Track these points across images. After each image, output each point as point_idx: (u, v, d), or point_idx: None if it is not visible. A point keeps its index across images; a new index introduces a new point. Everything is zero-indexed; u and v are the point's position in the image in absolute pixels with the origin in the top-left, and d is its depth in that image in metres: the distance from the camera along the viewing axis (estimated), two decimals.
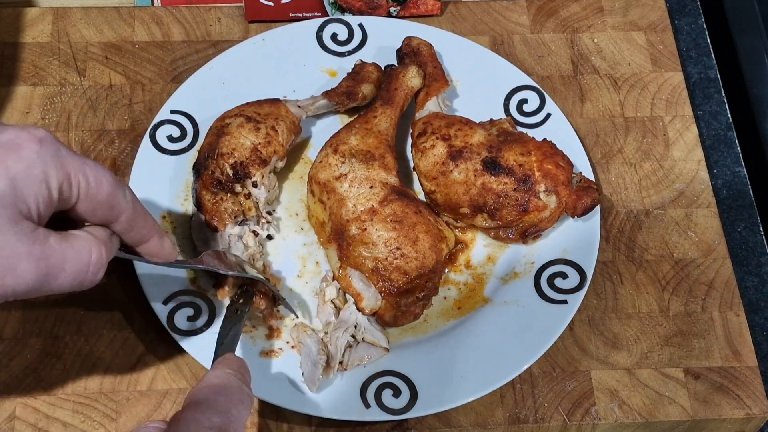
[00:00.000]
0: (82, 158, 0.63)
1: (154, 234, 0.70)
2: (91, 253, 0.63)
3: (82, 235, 0.64)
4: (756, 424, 0.85)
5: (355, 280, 0.82)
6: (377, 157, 0.87)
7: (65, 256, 0.61)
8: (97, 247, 0.64)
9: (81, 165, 0.62)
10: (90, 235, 0.64)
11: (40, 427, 0.79)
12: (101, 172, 0.63)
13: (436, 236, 0.84)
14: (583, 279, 0.86)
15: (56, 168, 0.60)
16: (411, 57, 0.96)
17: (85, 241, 0.63)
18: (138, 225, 0.67)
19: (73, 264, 0.62)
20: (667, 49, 1.04)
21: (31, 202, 0.59)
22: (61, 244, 0.61)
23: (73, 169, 0.61)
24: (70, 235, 0.63)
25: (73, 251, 0.62)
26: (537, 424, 0.82)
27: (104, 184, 0.63)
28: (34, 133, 0.61)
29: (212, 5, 1.03)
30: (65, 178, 0.61)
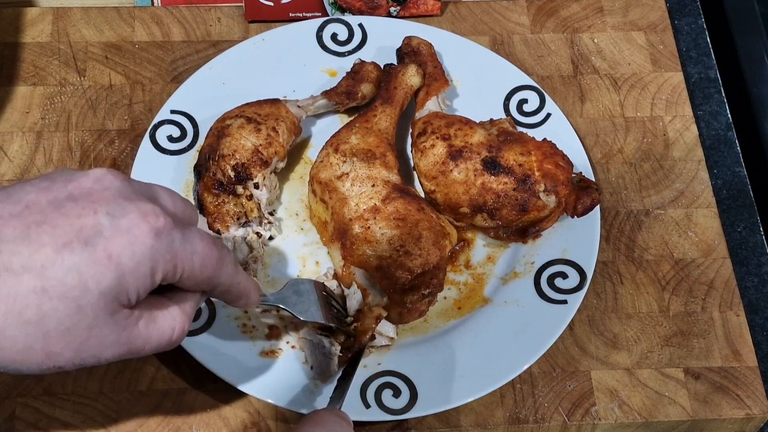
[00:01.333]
0: (192, 243, 0.61)
1: (242, 296, 0.69)
2: (174, 331, 0.63)
3: (172, 311, 0.63)
4: (756, 424, 0.85)
5: (359, 279, 0.82)
6: (378, 155, 0.87)
7: (149, 338, 0.61)
8: (180, 324, 0.63)
9: (190, 255, 0.60)
10: (178, 309, 0.63)
11: (40, 427, 0.79)
12: (208, 257, 0.62)
13: (439, 233, 0.84)
14: (583, 279, 0.86)
15: (165, 261, 0.59)
16: (411, 56, 0.96)
17: (171, 319, 0.63)
18: (230, 294, 0.67)
19: (154, 343, 0.62)
20: (667, 49, 1.05)
21: (132, 293, 0.58)
22: (148, 327, 0.61)
23: (181, 261, 0.60)
24: (160, 311, 0.62)
25: (158, 332, 0.62)
26: (537, 424, 0.82)
27: (208, 269, 0.62)
28: (153, 224, 0.58)
29: (212, 5, 1.03)
30: (171, 268, 0.60)
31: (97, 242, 0.56)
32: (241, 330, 0.82)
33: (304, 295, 0.80)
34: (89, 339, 0.57)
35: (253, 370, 0.80)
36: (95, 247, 0.56)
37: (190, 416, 0.80)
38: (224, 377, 0.79)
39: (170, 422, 0.80)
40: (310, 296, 0.80)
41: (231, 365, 0.80)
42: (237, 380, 0.79)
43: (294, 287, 0.80)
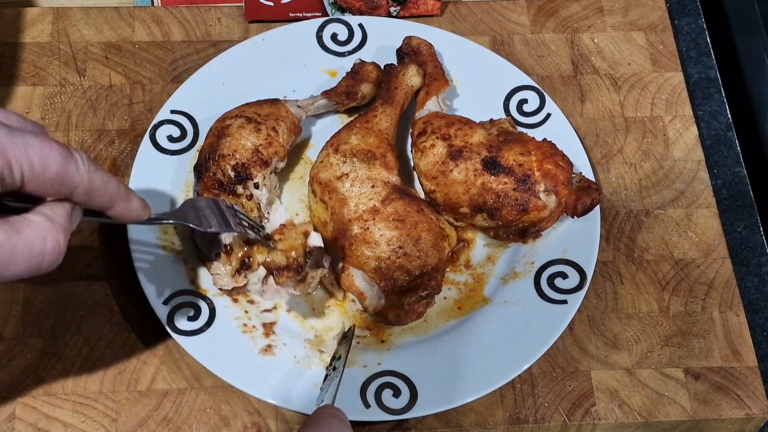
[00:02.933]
0: (24, 139, 0.59)
1: (119, 199, 0.66)
2: (46, 241, 0.60)
3: (36, 221, 0.61)
4: (756, 424, 0.85)
5: (357, 280, 0.82)
6: (378, 156, 0.87)
7: (14, 250, 0.59)
8: (52, 234, 0.61)
9: (23, 149, 0.59)
10: (45, 219, 0.61)
11: (40, 427, 0.79)
12: (47, 151, 0.60)
13: (438, 234, 0.84)
14: (583, 279, 0.86)
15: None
16: (411, 56, 0.96)
17: (38, 228, 0.60)
18: (97, 194, 0.64)
19: (23, 256, 0.60)
20: (667, 49, 1.05)
21: None
22: (10, 237, 0.59)
23: (14, 155, 0.58)
24: (22, 222, 0.60)
25: (24, 243, 0.60)
26: (537, 424, 0.82)
27: (51, 164, 0.60)
28: None
29: (212, 5, 1.03)
30: (5, 165, 0.58)
31: None
32: (241, 330, 0.82)
33: (203, 210, 0.78)
34: None
35: (253, 370, 0.80)
36: None
37: (190, 416, 0.80)
38: (224, 377, 0.79)
39: (170, 422, 0.80)
40: (213, 210, 0.79)
41: (231, 365, 0.80)
42: (237, 380, 0.79)
43: (191, 203, 0.78)
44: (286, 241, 0.80)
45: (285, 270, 0.79)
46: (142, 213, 0.69)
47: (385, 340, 0.84)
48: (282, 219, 0.83)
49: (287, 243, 0.80)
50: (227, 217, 0.79)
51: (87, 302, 0.85)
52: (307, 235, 0.81)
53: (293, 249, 0.80)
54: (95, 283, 0.86)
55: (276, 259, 0.79)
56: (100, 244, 0.87)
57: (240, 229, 0.79)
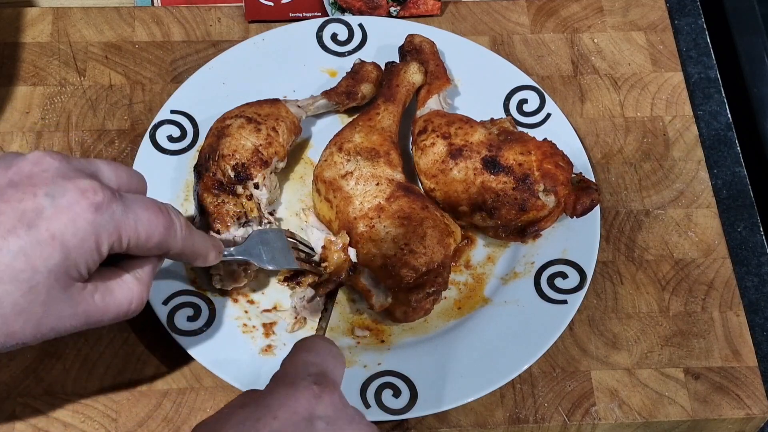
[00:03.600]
0: (135, 212, 0.64)
1: (200, 256, 0.73)
2: (132, 301, 0.67)
3: (127, 281, 0.66)
4: (756, 424, 0.85)
5: (364, 278, 0.83)
6: (382, 154, 0.87)
7: (107, 309, 0.65)
8: (138, 293, 0.67)
9: (134, 223, 0.64)
10: (134, 279, 0.67)
11: (40, 427, 0.79)
12: (153, 224, 0.65)
13: (443, 231, 0.84)
14: (583, 279, 0.86)
15: (108, 233, 0.62)
16: (413, 54, 0.96)
17: (127, 289, 0.66)
18: (185, 255, 0.70)
19: (113, 313, 0.66)
20: (667, 49, 1.05)
21: (82, 268, 0.62)
22: (105, 298, 0.65)
23: (125, 231, 0.63)
24: (116, 282, 0.66)
25: (115, 303, 0.65)
26: (537, 424, 0.82)
27: (155, 235, 0.65)
28: (92, 199, 0.61)
29: (212, 5, 1.03)
30: (117, 239, 0.63)
31: (40, 224, 0.60)
32: (241, 330, 0.82)
33: (270, 244, 0.82)
34: (46, 315, 0.61)
35: (253, 370, 0.80)
36: (38, 228, 0.59)
37: (190, 416, 0.80)
38: (224, 377, 0.79)
39: (170, 422, 0.80)
40: (275, 244, 0.83)
41: (231, 365, 0.80)
42: (237, 380, 0.79)
43: (259, 237, 0.82)
44: (331, 263, 0.83)
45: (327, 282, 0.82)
46: (215, 261, 0.75)
47: (385, 340, 0.84)
48: (320, 240, 0.85)
49: (332, 265, 0.83)
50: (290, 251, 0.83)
51: None
52: (346, 249, 0.83)
53: (340, 270, 0.82)
54: None
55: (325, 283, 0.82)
56: None
57: (299, 263, 0.83)
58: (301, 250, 0.85)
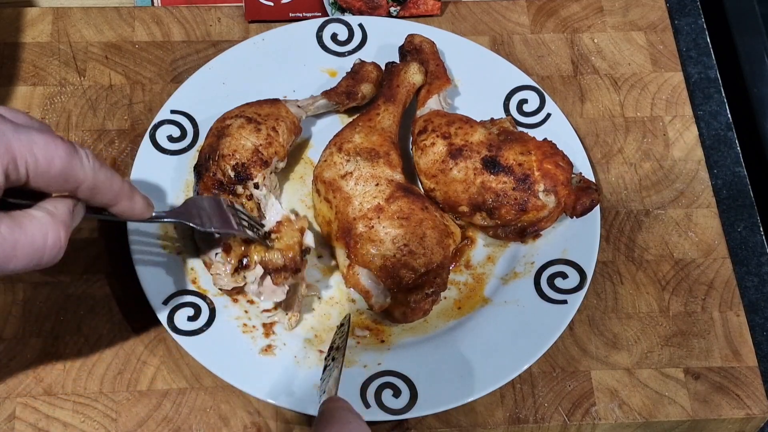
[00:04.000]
0: (30, 136, 0.60)
1: (123, 196, 0.67)
2: (47, 237, 0.62)
3: (38, 216, 0.62)
4: (756, 424, 0.85)
5: (363, 278, 0.83)
6: (382, 154, 0.87)
7: (16, 244, 0.61)
8: (54, 229, 0.62)
9: (28, 144, 0.60)
10: (47, 215, 0.62)
11: (40, 427, 0.79)
12: (52, 147, 0.61)
13: (442, 232, 0.84)
14: (583, 279, 0.86)
15: (0, 154, 0.59)
16: (413, 54, 0.96)
17: (40, 224, 0.62)
18: (101, 191, 0.65)
19: (25, 250, 0.61)
20: (667, 49, 1.05)
21: None
22: (13, 231, 0.60)
23: (20, 151, 0.59)
24: (25, 217, 0.62)
25: (26, 237, 0.61)
26: (537, 424, 0.82)
27: (56, 160, 0.61)
28: None
29: (212, 5, 1.03)
30: (10, 160, 0.59)
31: None
32: (241, 330, 0.82)
33: (205, 209, 0.79)
34: None
35: (253, 370, 0.80)
36: None
37: (190, 416, 0.80)
38: (224, 377, 0.79)
39: (170, 422, 0.80)
40: (213, 210, 0.79)
41: (231, 365, 0.80)
42: (237, 380, 0.79)
43: (192, 203, 0.79)
44: (283, 239, 0.81)
45: (282, 270, 0.80)
46: (144, 211, 0.70)
47: (385, 340, 0.84)
48: (278, 216, 0.82)
49: (284, 242, 0.80)
50: (228, 216, 0.79)
51: (87, 302, 0.85)
52: (303, 232, 0.81)
53: (290, 248, 0.80)
54: (95, 283, 0.86)
55: (273, 258, 0.80)
56: (100, 244, 0.87)
57: (240, 228, 0.79)
58: (243, 219, 0.81)
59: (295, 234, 0.81)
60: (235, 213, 0.81)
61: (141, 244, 0.84)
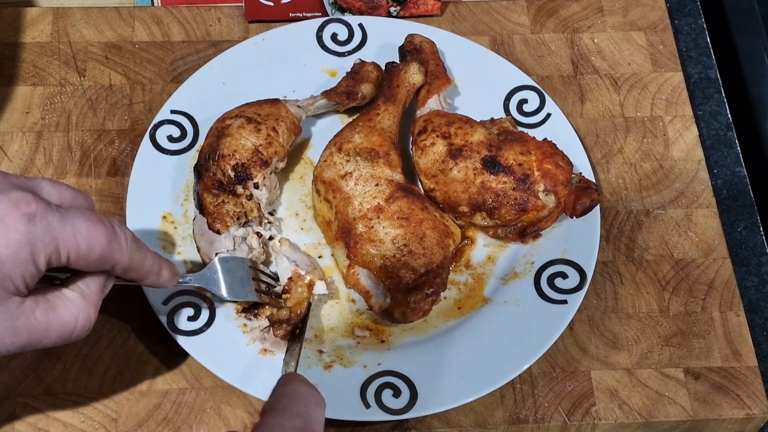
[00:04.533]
0: (74, 225, 0.62)
1: (152, 274, 0.71)
2: (78, 319, 0.65)
3: (71, 298, 0.65)
4: (756, 424, 0.85)
5: (363, 278, 0.83)
6: (382, 154, 0.87)
7: (49, 326, 0.64)
8: (84, 311, 0.65)
9: (72, 235, 0.62)
10: (80, 296, 0.65)
11: (40, 427, 0.79)
12: (94, 235, 0.63)
13: (442, 232, 0.84)
14: (583, 279, 0.86)
15: (44, 244, 0.61)
16: (413, 54, 0.96)
17: (72, 306, 0.65)
18: (134, 270, 0.68)
19: (56, 332, 0.64)
20: (667, 49, 1.05)
21: (18, 281, 0.61)
22: (47, 314, 0.63)
23: (63, 241, 0.62)
24: (59, 299, 0.64)
25: (58, 320, 0.64)
26: (537, 424, 0.82)
27: (96, 247, 0.63)
28: (24, 209, 0.60)
29: (212, 5, 1.03)
30: (54, 251, 0.62)
31: None
32: (241, 330, 0.82)
33: (230, 273, 0.81)
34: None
35: (253, 370, 0.80)
36: None
37: (190, 416, 0.80)
38: (224, 377, 0.79)
39: (170, 422, 0.80)
40: (235, 273, 0.81)
41: (231, 365, 0.80)
42: (237, 380, 0.79)
43: (219, 265, 0.81)
44: (293, 297, 0.83)
45: (285, 323, 0.82)
46: (170, 282, 0.74)
47: (385, 340, 0.84)
48: (288, 272, 0.84)
49: (293, 299, 0.83)
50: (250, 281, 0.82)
51: None
52: (312, 287, 0.83)
53: (298, 306, 0.82)
54: None
55: (281, 315, 0.82)
56: None
57: (258, 295, 0.82)
58: (263, 281, 0.84)
59: (304, 290, 0.83)
60: (256, 276, 0.83)
61: None
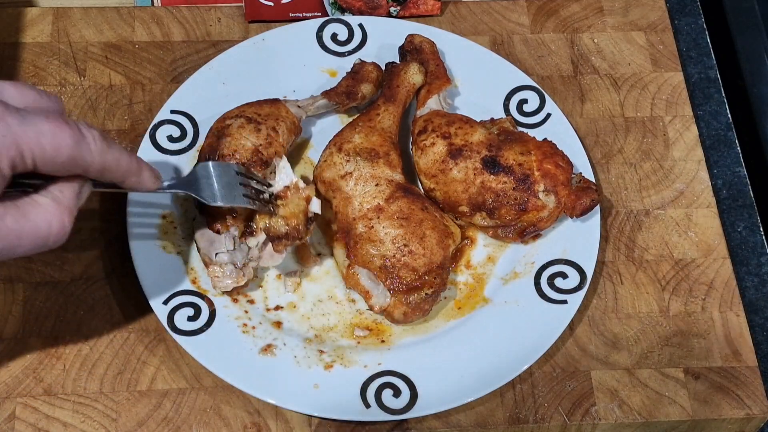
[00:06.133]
0: (36, 126, 0.60)
1: (131, 174, 0.68)
2: (51, 224, 0.63)
3: (43, 204, 0.63)
4: (756, 424, 0.85)
5: (363, 278, 0.83)
6: (382, 154, 0.87)
7: (21, 233, 0.62)
8: (58, 216, 0.63)
9: (35, 137, 0.60)
10: (52, 201, 0.63)
11: (40, 427, 0.79)
12: (59, 136, 0.61)
13: (442, 232, 0.84)
14: (583, 279, 0.86)
15: (6, 147, 0.59)
16: (413, 54, 0.96)
17: (44, 212, 0.63)
18: (109, 171, 0.66)
19: (29, 238, 0.62)
20: (667, 49, 1.04)
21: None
22: (18, 221, 0.62)
23: (26, 144, 0.60)
24: (30, 205, 0.63)
25: (30, 226, 0.62)
26: (537, 424, 0.82)
27: (62, 148, 0.62)
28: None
29: (212, 5, 1.03)
30: (17, 154, 0.60)
31: None
32: (241, 330, 0.82)
33: (215, 178, 0.79)
34: None
35: (253, 370, 0.80)
36: None
37: (190, 416, 0.80)
38: (224, 377, 0.79)
39: (170, 422, 0.80)
40: (222, 179, 0.79)
41: (231, 365, 0.80)
42: (237, 380, 0.79)
43: (203, 170, 0.79)
44: (288, 206, 0.81)
45: (284, 238, 0.80)
46: (152, 185, 0.71)
47: (386, 340, 0.84)
48: (287, 180, 0.83)
49: (289, 209, 0.81)
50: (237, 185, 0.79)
51: (87, 302, 0.85)
52: (309, 200, 0.82)
53: (294, 216, 0.81)
54: (95, 283, 0.86)
55: (276, 226, 0.80)
56: (100, 244, 0.87)
57: (245, 200, 0.79)
58: (252, 186, 0.81)
59: (301, 202, 0.81)
60: (246, 182, 0.81)
61: (141, 244, 0.84)
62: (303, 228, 0.81)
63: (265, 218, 0.81)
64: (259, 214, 0.81)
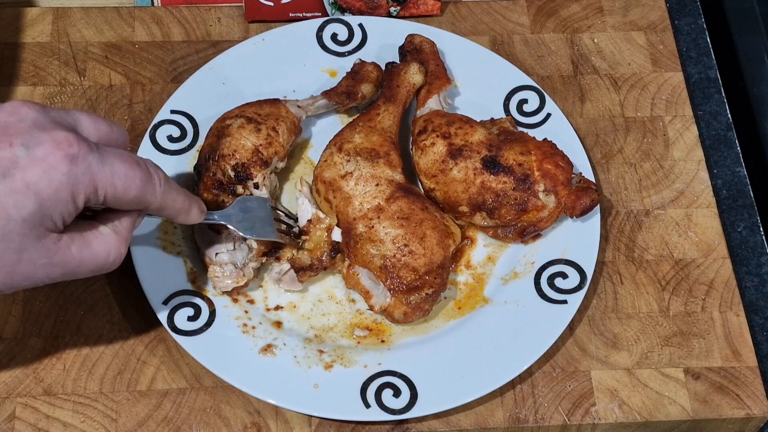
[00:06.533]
0: (112, 165, 0.65)
1: (182, 212, 0.73)
2: (109, 254, 0.68)
3: (104, 234, 0.67)
4: (756, 424, 0.85)
5: (363, 278, 0.83)
6: (382, 154, 0.87)
7: (83, 261, 0.66)
8: (116, 246, 0.68)
9: (110, 176, 0.64)
10: (113, 232, 0.68)
11: (40, 427, 0.79)
12: (130, 177, 0.66)
13: (443, 232, 0.84)
14: (583, 279, 0.86)
15: (84, 185, 0.63)
16: (413, 54, 0.96)
17: (105, 242, 0.67)
18: (166, 209, 0.71)
19: (89, 266, 0.67)
20: (667, 49, 1.05)
21: (57, 219, 0.63)
22: (82, 250, 0.66)
23: (101, 183, 0.64)
24: (92, 234, 0.67)
25: (92, 255, 0.67)
26: (537, 424, 0.82)
27: (132, 189, 0.66)
28: (66, 150, 0.62)
29: (212, 5, 1.03)
30: (92, 191, 0.64)
31: (15, 173, 0.61)
32: (241, 330, 0.82)
33: (252, 212, 0.83)
34: (20, 262, 0.62)
35: (253, 370, 0.80)
36: (13, 178, 0.61)
37: (190, 416, 0.80)
38: (224, 377, 0.79)
39: (170, 422, 0.80)
40: (257, 213, 0.83)
41: (231, 365, 0.80)
42: (237, 380, 0.79)
43: (241, 204, 0.83)
44: (312, 239, 0.84)
45: (308, 270, 0.83)
46: (198, 219, 0.76)
47: (386, 340, 0.84)
48: (308, 214, 0.86)
49: (313, 242, 0.84)
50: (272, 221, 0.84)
51: (87, 302, 0.85)
52: (331, 230, 0.85)
53: (318, 249, 0.84)
54: (95, 283, 0.86)
55: (302, 258, 0.83)
56: None
57: (279, 235, 0.83)
58: (284, 221, 0.86)
59: (323, 233, 0.84)
60: (278, 217, 0.85)
61: (141, 244, 0.84)
62: (327, 258, 0.84)
63: (293, 250, 0.84)
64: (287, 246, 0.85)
